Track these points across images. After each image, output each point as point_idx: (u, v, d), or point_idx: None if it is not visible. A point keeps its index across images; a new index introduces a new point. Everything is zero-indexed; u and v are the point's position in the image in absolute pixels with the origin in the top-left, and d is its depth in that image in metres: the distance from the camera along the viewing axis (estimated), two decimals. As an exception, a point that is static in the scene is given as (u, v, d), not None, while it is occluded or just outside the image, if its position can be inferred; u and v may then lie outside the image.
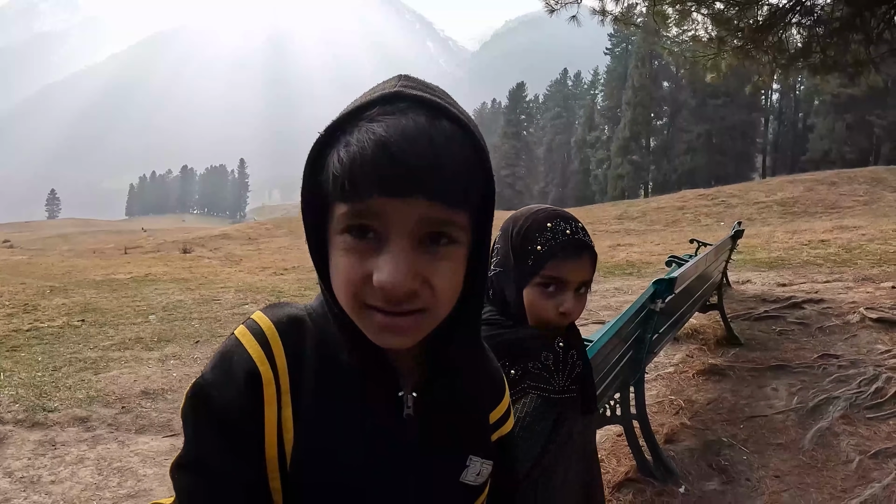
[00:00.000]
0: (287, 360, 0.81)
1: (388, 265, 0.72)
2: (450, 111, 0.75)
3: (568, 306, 1.43)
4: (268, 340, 0.81)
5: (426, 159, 0.70)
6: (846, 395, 4.71)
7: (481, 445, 0.94)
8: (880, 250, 12.00)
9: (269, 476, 0.80)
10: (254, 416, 0.78)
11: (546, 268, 1.42)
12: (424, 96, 0.75)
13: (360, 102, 0.76)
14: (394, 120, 0.72)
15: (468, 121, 0.77)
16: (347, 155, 0.71)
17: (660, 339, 4.02)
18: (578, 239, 1.43)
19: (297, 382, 0.81)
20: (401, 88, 0.76)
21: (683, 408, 4.73)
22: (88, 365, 6.83)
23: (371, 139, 0.70)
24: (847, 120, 55.45)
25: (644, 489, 3.59)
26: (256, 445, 0.79)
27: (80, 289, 12.89)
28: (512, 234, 1.49)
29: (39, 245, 38.49)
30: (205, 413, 0.78)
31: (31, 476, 4.16)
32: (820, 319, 6.73)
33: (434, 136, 0.71)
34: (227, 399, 0.78)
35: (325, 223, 0.78)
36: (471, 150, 0.75)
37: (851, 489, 3.57)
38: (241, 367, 0.79)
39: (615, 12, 8.35)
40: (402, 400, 0.85)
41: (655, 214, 31.86)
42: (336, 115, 0.77)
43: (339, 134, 0.74)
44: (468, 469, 0.91)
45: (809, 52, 8.93)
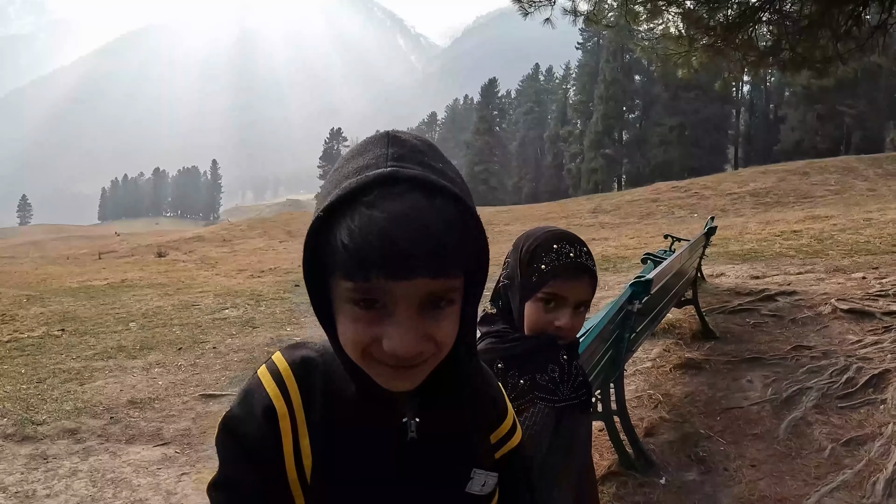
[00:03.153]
0: (301, 396, 0.93)
1: (397, 335, 0.81)
2: (445, 189, 0.81)
3: (564, 322, 1.54)
4: (283, 380, 0.94)
5: (427, 244, 0.77)
6: (818, 386, 4.86)
7: (484, 459, 1.04)
8: (851, 240, 12.23)
9: (294, 494, 0.92)
10: (273, 445, 0.91)
11: (547, 285, 1.54)
12: (419, 176, 0.80)
13: (354, 183, 0.80)
14: (393, 206, 0.77)
15: (462, 192, 0.84)
16: (351, 241, 0.77)
17: (637, 337, 4.15)
18: (581, 262, 1.55)
19: (312, 415, 0.93)
20: (397, 168, 0.81)
21: (662, 402, 4.86)
22: (73, 376, 6.84)
23: (374, 227, 0.76)
24: (818, 110, 56.13)
25: (626, 482, 3.73)
26: (277, 469, 0.91)
27: (57, 297, 12.81)
28: (522, 251, 1.61)
29: (11, 253, 38.00)
30: (232, 442, 0.92)
31: (26, 490, 4.18)
32: (793, 311, 6.89)
33: (433, 220, 0.78)
34: (250, 430, 0.91)
35: (328, 286, 0.85)
36: (466, 222, 0.82)
37: (824, 476, 3.72)
38: (259, 403, 0.92)
39: (587, 11, 8.47)
40: (406, 425, 0.95)
41: (629, 208, 32.08)
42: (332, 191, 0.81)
43: (339, 213, 0.80)
44: (473, 481, 1.01)
45: (779, 49, 9.11)
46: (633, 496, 3.60)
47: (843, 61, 9.16)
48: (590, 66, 76.77)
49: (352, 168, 0.84)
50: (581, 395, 1.61)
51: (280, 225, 38.10)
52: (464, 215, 0.82)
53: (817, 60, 9.09)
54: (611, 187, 68.48)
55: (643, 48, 9.43)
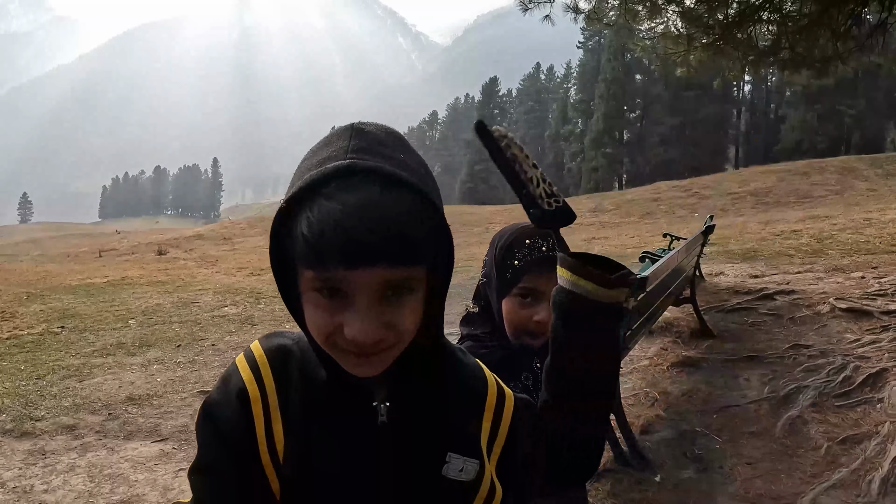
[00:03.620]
0: (275, 381, 0.96)
1: (356, 322, 0.83)
2: (402, 180, 0.83)
3: (542, 316, 1.53)
4: (258, 366, 0.97)
5: (383, 233, 0.79)
6: (816, 385, 4.88)
7: (463, 444, 1.03)
8: (851, 240, 12.24)
9: (269, 478, 0.95)
10: (247, 429, 0.94)
11: (522, 280, 1.54)
12: (377, 167, 0.83)
13: (315, 175, 0.83)
14: (349, 197, 0.80)
15: (422, 183, 0.86)
16: (310, 232, 0.80)
17: (633, 334, 4.16)
18: (554, 255, 1.53)
19: (286, 400, 0.96)
20: (354, 160, 0.83)
21: (658, 399, 4.88)
22: (72, 372, 6.85)
23: (330, 219, 0.79)
24: (818, 110, 56.14)
25: (622, 479, 3.74)
26: (251, 452, 0.94)
27: (57, 294, 12.82)
28: (496, 248, 1.61)
29: (11, 251, 38.05)
30: (209, 426, 0.95)
31: (24, 486, 4.19)
32: (791, 310, 6.91)
33: (389, 210, 0.80)
34: (225, 415, 0.94)
35: (294, 276, 0.87)
36: (425, 211, 0.85)
37: (820, 474, 3.74)
38: (234, 387, 0.95)
39: (587, 10, 8.49)
40: (376, 409, 0.97)
41: (630, 207, 32.09)
42: (297, 180, 0.86)
43: (299, 205, 0.83)
44: (448, 465, 1.01)
45: (778, 48, 9.12)
46: (628, 493, 3.61)
47: (842, 61, 9.17)
48: (591, 66, 76.75)
49: (315, 160, 0.87)
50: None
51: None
52: (422, 206, 0.84)
53: (817, 60, 9.10)
54: (611, 186, 68.47)
55: (643, 47, 9.43)
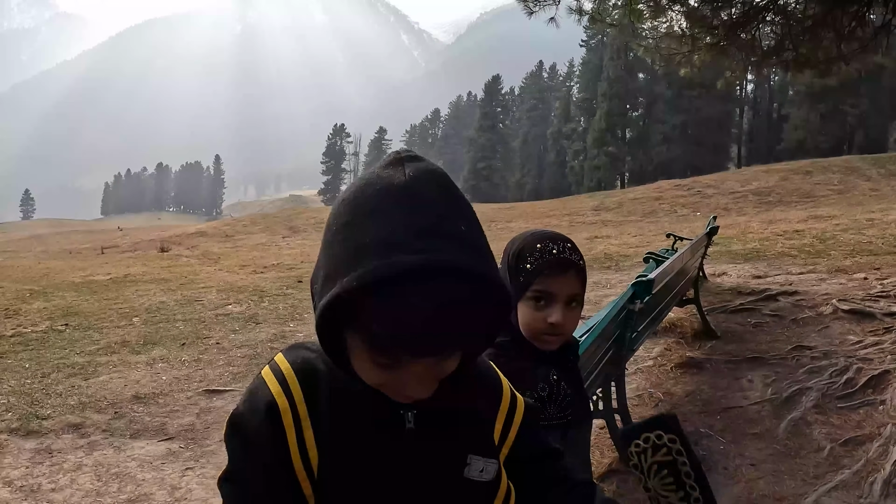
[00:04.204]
0: (303, 392, 0.98)
1: (411, 388, 0.90)
2: (476, 273, 0.83)
3: (556, 318, 1.58)
4: (285, 378, 0.99)
5: (455, 333, 0.82)
6: (818, 386, 4.90)
7: (482, 446, 1.08)
8: (853, 240, 12.23)
9: (302, 485, 0.98)
10: (277, 439, 0.96)
11: (535, 283, 1.59)
12: (452, 266, 0.81)
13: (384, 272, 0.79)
14: (425, 301, 0.79)
15: (487, 258, 0.86)
16: (383, 328, 0.81)
17: (638, 336, 4.21)
18: (564, 257, 1.60)
19: (315, 410, 0.98)
20: (428, 258, 0.79)
21: (662, 400, 4.92)
22: (77, 370, 6.87)
23: (406, 323, 0.80)
24: (821, 109, 56.11)
25: (627, 479, 3.76)
26: (283, 462, 0.97)
27: (60, 292, 12.83)
28: (509, 255, 1.66)
29: (14, 247, 38.08)
30: (238, 437, 0.99)
31: (31, 485, 4.22)
32: (794, 311, 6.93)
33: (463, 309, 0.81)
34: (254, 426, 0.97)
35: (341, 328, 0.89)
36: (492, 295, 0.86)
37: (823, 475, 3.77)
38: (263, 400, 0.98)
39: (591, 10, 8.50)
40: (403, 416, 1.00)
41: (632, 205, 32.05)
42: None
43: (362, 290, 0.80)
44: (470, 466, 1.05)
45: (782, 49, 9.13)
46: (633, 493, 3.63)
47: (845, 62, 9.19)
48: (593, 64, 76.71)
49: (371, 233, 0.83)
50: (567, 414, 1.65)
51: (282, 220, 38.07)
52: (488, 287, 0.85)
53: (820, 61, 9.11)
54: (613, 185, 68.44)
55: (646, 47, 9.45)
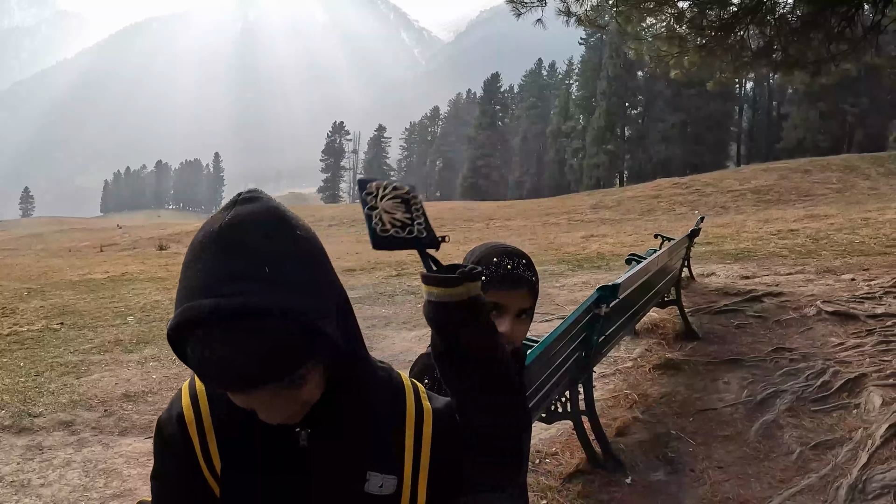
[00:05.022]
0: (210, 405, 1.09)
1: (265, 415, 0.99)
2: (274, 311, 0.87)
3: (505, 328, 1.66)
4: (196, 392, 1.11)
5: (262, 369, 0.89)
6: (794, 389, 4.93)
7: (381, 461, 1.12)
8: (846, 240, 12.29)
9: (212, 485, 1.10)
10: (186, 446, 1.09)
11: (487, 295, 1.63)
12: (244, 309, 0.86)
13: (186, 316, 0.88)
14: (221, 346, 0.86)
15: (299, 292, 0.91)
16: (197, 367, 0.90)
17: (608, 339, 4.26)
18: (517, 273, 1.68)
19: (219, 422, 1.09)
20: (219, 302, 0.86)
21: (637, 402, 4.95)
22: (70, 369, 6.96)
23: (210, 364, 0.88)
24: (820, 108, 56.17)
25: (593, 480, 3.82)
26: (192, 464, 1.09)
27: (58, 290, 12.91)
28: (467, 265, 1.72)
29: (13, 245, 38.13)
30: (159, 440, 1.13)
31: (21, 480, 4.32)
32: (777, 313, 6.98)
33: (262, 345, 0.87)
34: (169, 432, 1.11)
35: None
36: (297, 322, 0.90)
37: (790, 479, 3.78)
38: (175, 411, 1.11)
39: (579, 13, 8.55)
40: (297, 435, 1.08)
41: (630, 203, 32.12)
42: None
43: (176, 333, 0.91)
44: (369, 482, 1.11)
45: (771, 50, 9.19)
46: (598, 494, 3.69)
47: (835, 63, 9.23)
48: (592, 62, 76.79)
49: (188, 282, 0.92)
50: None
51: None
52: (293, 327, 0.90)
53: (810, 62, 9.16)
54: (612, 183, 68.47)
55: (637, 48, 9.51)
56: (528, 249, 11.09)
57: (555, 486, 3.76)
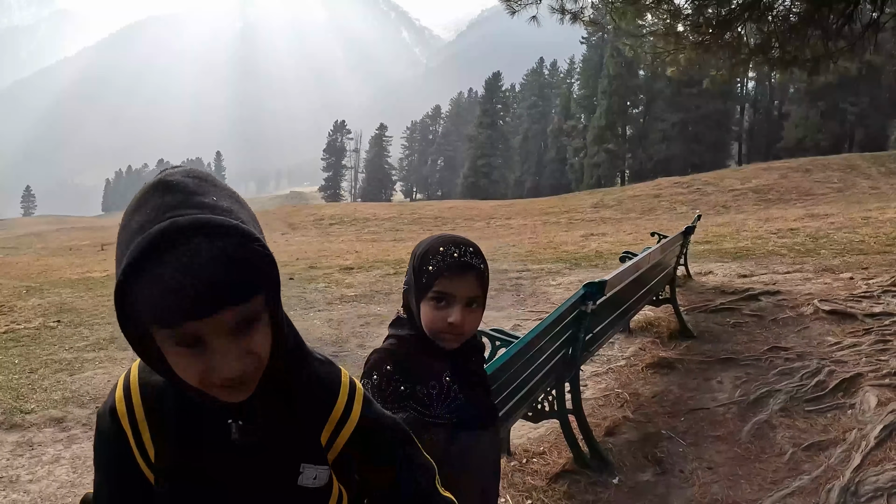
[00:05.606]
0: (143, 399, 1.10)
1: (222, 362, 0.94)
2: (223, 225, 0.90)
3: (455, 318, 1.66)
4: (130, 385, 1.12)
5: (218, 282, 0.88)
6: (787, 389, 4.86)
7: (313, 454, 1.15)
8: (846, 239, 12.26)
9: (147, 476, 1.11)
10: (119, 437, 1.10)
11: (435, 284, 1.67)
12: (195, 221, 0.89)
13: (141, 243, 0.88)
14: (177, 257, 0.87)
15: (242, 219, 0.93)
16: (152, 297, 0.88)
17: (596, 337, 4.22)
18: (465, 261, 1.67)
19: (154, 416, 1.10)
20: (173, 218, 0.89)
21: (628, 401, 4.90)
22: (64, 366, 6.94)
23: (167, 282, 0.86)
24: (821, 107, 56.07)
25: (579, 480, 3.77)
26: (125, 456, 1.11)
27: (56, 288, 12.91)
28: (415, 257, 1.75)
29: (14, 243, 38.12)
30: (97, 433, 1.16)
31: (10, 476, 4.33)
32: (774, 311, 6.94)
33: (217, 258, 0.88)
34: (104, 424, 1.13)
35: (148, 334, 0.95)
36: (249, 244, 0.91)
37: (781, 481, 3.71)
38: (109, 403, 1.13)
39: (573, 10, 8.54)
40: (229, 427, 1.08)
41: (631, 203, 32.12)
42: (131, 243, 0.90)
43: (135, 273, 0.89)
44: (303, 475, 1.14)
45: (768, 47, 9.16)
46: (583, 494, 3.64)
47: (833, 60, 9.20)
48: (594, 61, 76.70)
49: (135, 225, 0.92)
50: (454, 416, 1.72)
51: (282, 217, 38.13)
52: (245, 241, 0.91)
53: (807, 59, 9.13)
54: (613, 182, 68.42)
55: (632, 46, 9.49)
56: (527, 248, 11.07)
57: (540, 485, 3.72)
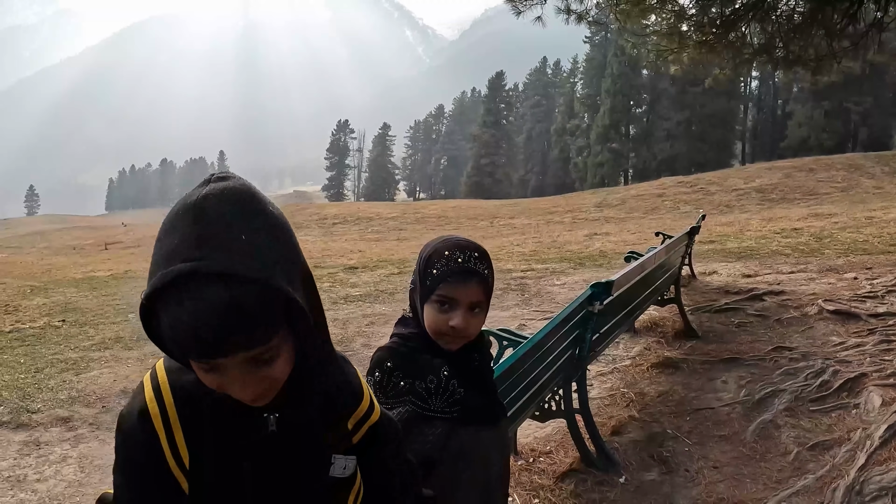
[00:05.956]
0: (175, 398, 1.09)
1: (237, 390, 0.99)
2: (245, 277, 0.91)
3: (456, 322, 1.69)
4: (159, 384, 1.10)
5: (233, 332, 0.91)
6: (792, 388, 4.86)
7: (342, 445, 1.20)
8: (850, 239, 12.25)
9: (178, 478, 1.09)
10: (149, 439, 1.08)
11: (439, 288, 1.70)
12: (217, 271, 0.90)
13: (164, 279, 0.91)
14: (195, 304, 0.89)
15: (263, 265, 0.94)
16: (171, 332, 0.92)
17: (603, 337, 4.23)
18: (468, 267, 1.70)
19: (186, 414, 1.09)
20: (197, 264, 0.90)
21: (634, 400, 4.91)
22: (70, 366, 6.97)
23: (182, 325, 0.90)
24: (825, 107, 56.09)
25: (586, 479, 3.78)
26: (154, 458, 1.08)
27: (61, 288, 12.96)
28: (421, 259, 1.78)
29: (17, 243, 38.24)
30: (120, 436, 1.12)
31: (18, 475, 4.34)
32: (778, 311, 6.93)
33: (235, 310, 0.90)
34: (130, 426, 1.10)
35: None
36: (269, 294, 0.93)
37: (786, 480, 3.72)
38: (137, 405, 1.10)
39: (579, 11, 8.54)
40: (266, 420, 1.11)
41: (635, 202, 32.13)
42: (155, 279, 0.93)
43: (158, 300, 0.93)
44: (334, 465, 1.17)
45: (772, 47, 9.15)
46: (590, 493, 3.65)
47: (837, 60, 9.19)
48: (597, 60, 76.60)
49: (166, 248, 0.94)
50: (454, 411, 1.76)
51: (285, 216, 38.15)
52: (265, 291, 0.93)
53: (811, 58, 9.12)
54: (617, 181, 68.43)
55: (635, 44, 9.49)
56: (531, 248, 11.08)
57: (547, 484, 3.73)
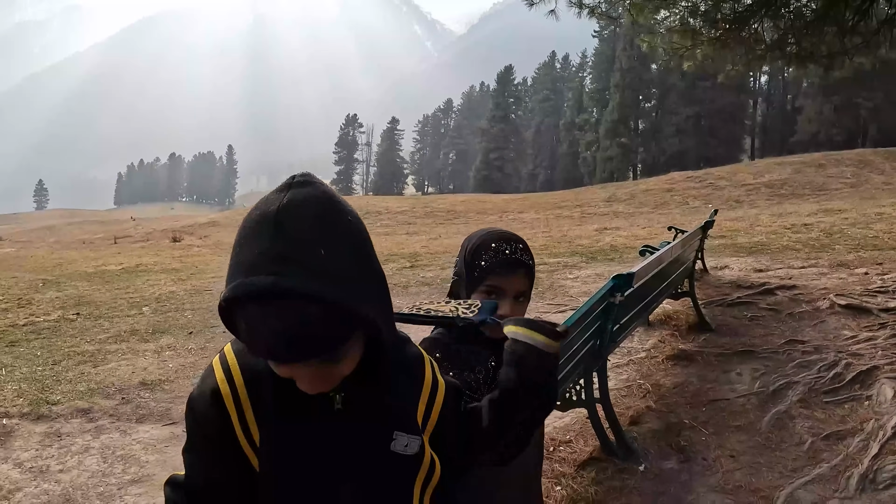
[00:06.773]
0: (244, 379, 1.15)
1: (305, 385, 1.07)
2: (321, 297, 0.95)
3: (504, 311, 1.72)
4: (229, 367, 1.16)
5: (300, 346, 0.97)
6: (806, 380, 4.93)
7: (406, 423, 1.23)
8: (860, 235, 12.23)
9: (249, 456, 1.15)
10: (221, 419, 1.13)
11: (487, 279, 1.75)
12: (294, 290, 0.94)
13: (240, 290, 0.95)
14: (272, 321, 0.95)
15: (339, 283, 0.97)
16: (247, 338, 1.00)
17: (622, 328, 4.30)
18: (516, 258, 1.76)
19: (256, 395, 1.14)
20: (275, 280, 0.94)
21: (650, 391, 4.98)
22: (87, 358, 7.04)
23: (259, 337, 0.97)
24: (835, 102, 55.78)
25: (606, 467, 3.86)
26: (228, 437, 1.14)
27: (73, 281, 13.03)
28: (466, 251, 1.83)
29: (27, 237, 38.40)
30: (191, 416, 1.18)
31: (41, 466, 4.40)
32: (791, 306, 6.98)
33: (309, 326, 0.95)
34: (202, 408, 1.15)
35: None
36: (342, 311, 0.98)
37: (801, 469, 3.80)
38: (209, 387, 1.15)
39: (591, 4, 8.54)
40: (332, 399, 1.16)
41: (644, 197, 32.05)
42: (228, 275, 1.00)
43: (235, 303, 0.98)
44: (395, 441, 1.21)
45: (784, 43, 9.14)
46: (611, 481, 3.72)
47: (849, 56, 9.18)
48: (606, 55, 76.45)
49: (243, 257, 0.99)
50: None
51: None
52: (340, 310, 0.98)
53: (823, 55, 9.11)
54: (626, 176, 68.31)
55: (649, 41, 9.48)
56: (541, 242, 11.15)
57: (569, 472, 3.80)
